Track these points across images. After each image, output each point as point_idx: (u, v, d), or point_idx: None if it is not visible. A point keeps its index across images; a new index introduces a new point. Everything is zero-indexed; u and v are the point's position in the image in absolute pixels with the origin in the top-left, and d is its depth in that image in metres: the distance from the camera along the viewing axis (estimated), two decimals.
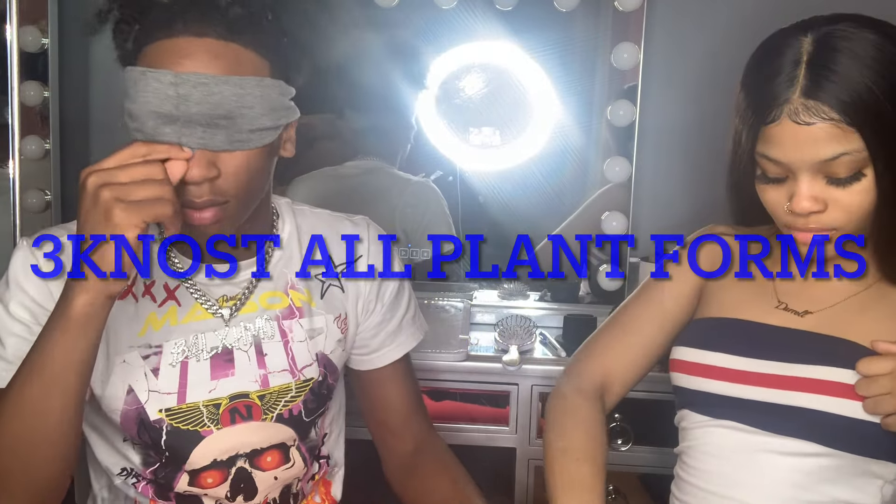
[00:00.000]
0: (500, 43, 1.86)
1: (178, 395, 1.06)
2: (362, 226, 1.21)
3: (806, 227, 0.97)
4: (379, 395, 1.25)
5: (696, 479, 1.07)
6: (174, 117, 0.91)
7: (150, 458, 1.07)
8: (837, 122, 0.91)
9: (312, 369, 1.13)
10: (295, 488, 1.17)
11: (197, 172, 0.92)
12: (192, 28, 0.92)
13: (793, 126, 0.93)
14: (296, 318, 1.13)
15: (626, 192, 1.84)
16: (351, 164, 1.98)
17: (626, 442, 1.60)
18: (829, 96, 0.91)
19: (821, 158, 0.92)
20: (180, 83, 0.91)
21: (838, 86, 0.91)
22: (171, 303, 1.07)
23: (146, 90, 0.91)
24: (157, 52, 0.92)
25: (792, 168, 0.95)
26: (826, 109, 0.91)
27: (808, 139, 0.92)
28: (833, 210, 0.95)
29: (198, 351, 1.07)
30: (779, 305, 1.07)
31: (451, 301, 1.87)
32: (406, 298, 1.24)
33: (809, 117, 0.92)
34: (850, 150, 0.91)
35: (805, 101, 0.92)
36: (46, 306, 0.98)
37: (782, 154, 0.95)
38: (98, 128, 1.95)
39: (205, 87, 0.91)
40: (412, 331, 1.25)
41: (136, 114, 0.91)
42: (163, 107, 0.91)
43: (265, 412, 1.10)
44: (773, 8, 1.78)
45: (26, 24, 1.78)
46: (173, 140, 0.91)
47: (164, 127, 0.91)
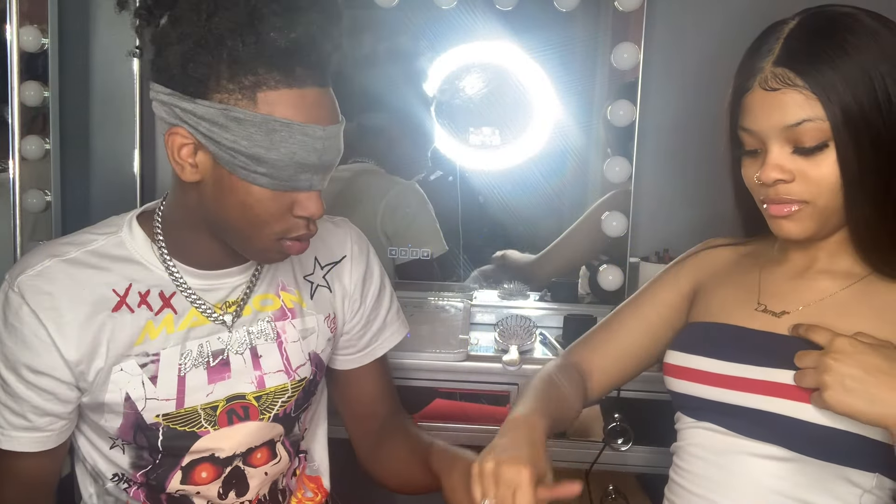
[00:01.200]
0: (500, 43, 1.86)
1: (177, 402, 1.07)
2: (343, 227, 1.25)
3: (777, 197, 0.99)
4: (356, 390, 1.28)
5: (683, 479, 1.09)
6: (314, 166, 0.97)
7: (143, 460, 1.08)
8: (801, 89, 0.95)
9: (306, 368, 1.15)
10: (281, 484, 1.19)
11: (322, 209, 1.01)
12: (315, 79, 0.96)
13: (762, 93, 0.98)
14: (288, 318, 1.14)
15: (626, 192, 1.84)
16: (344, 166, 1.98)
17: (626, 442, 1.60)
18: (795, 63, 0.96)
19: (786, 123, 0.96)
20: (328, 137, 0.97)
21: (805, 55, 0.96)
22: (167, 311, 1.07)
23: (291, 141, 0.95)
24: (287, 102, 0.95)
25: (762, 137, 0.99)
26: (792, 76, 0.96)
27: (774, 104, 0.97)
28: (801, 181, 0.98)
29: (202, 358, 1.08)
30: (758, 307, 1.09)
31: (451, 301, 1.88)
32: (388, 296, 1.28)
33: (776, 83, 0.97)
34: (813, 118, 0.95)
35: (774, 69, 0.97)
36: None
37: (754, 122, 0.99)
38: (98, 128, 1.95)
39: (338, 137, 0.99)
40: (396, 327, 1.28)
41: (274, 161, 0.95)
42: (309, 158, 0.96)
43: (262, 412, 1.11)
44: (774, 8, 1.78)
45: (26, 24, 1.78)
46: (305, 185, 0.98)
47: (301, 174, 0.97)
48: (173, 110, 0.96)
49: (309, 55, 0.94)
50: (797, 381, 0.96)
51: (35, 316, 1.01)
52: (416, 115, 1.93)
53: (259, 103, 0.93)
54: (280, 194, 0.97)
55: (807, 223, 1.00)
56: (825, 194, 0.97)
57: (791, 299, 1.06)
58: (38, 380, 1.03)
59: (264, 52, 0.92)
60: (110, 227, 1.10)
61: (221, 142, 0.94)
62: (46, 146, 1.84)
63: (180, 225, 1.06)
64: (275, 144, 0.94)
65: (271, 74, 0.93)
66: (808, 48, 0.97)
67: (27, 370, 1.02)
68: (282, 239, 1.01)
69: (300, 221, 1.01)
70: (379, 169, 1.98)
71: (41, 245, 1.09)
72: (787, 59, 0.97)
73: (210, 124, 0.94)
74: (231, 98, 0.93)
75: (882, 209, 0.98)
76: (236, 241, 1.03)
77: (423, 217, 1.95)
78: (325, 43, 0.95)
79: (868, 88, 0.95)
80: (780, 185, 0.99)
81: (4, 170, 1.80)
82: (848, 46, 0.95)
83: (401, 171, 1.98)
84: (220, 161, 0.96)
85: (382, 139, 1.99)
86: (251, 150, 0.94)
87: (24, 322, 1.01)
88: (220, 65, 0.93)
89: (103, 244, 1.07)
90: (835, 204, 0.98)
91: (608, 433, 1.58)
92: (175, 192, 1.06)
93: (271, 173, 0.95)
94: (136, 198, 1.88)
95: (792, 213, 0.99)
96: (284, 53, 0.93)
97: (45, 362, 1.02)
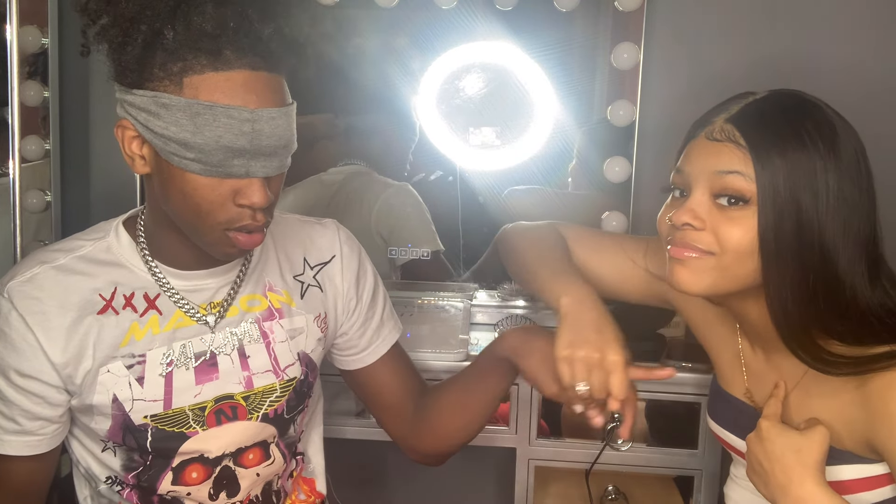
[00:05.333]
0: (500, 43, 1.86)
1: (164, 402, 1.07)
2: (332, 228, 1.25)
3: (682, 240, 0.98)
4: (376, 387, 1.29)
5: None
6: (245, 150, 0.95)
7: (134, 462, 1.09)
8: (742, 148, 0.95)
9: (295, 368, 1.16)
10: (276, 485, 1.19)
11: (265, 198, 0.97)
12: (245, 61, 0.94)
13: (705, 142, 0.99)
14: (275, 319, 1.15)
15: (626, 192, 1.84)
16: (335, 169, 1.98)
17: (626, 441, 1.60)
18: (745, 125, 0.96)
19: (717, 169, 0.96)
20: (256, 119, 0.94)
21: (758, 125, 0.96)
22: (152, 312, 1.08)
23: (215, 124, 0.93)
24: (212, 85, 0.93)
25: (690, 179, 0.99)
26: (737, 135, 0.96)
27: (712, 151, 0.97)
28: (711, 233, 0.96)
29: (185, 358, 1.08)
30: (746, 393, 1.12)
31: (451, 301, 1.87)
32: (381, 294, 1.29)
33: (720, 136, 0.97)
34: (745, 173, 0.94)
35: (724, 125, 0.97)
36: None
37: (687, 164, 1.00)
38: (98, 128, 1.95)
39: (273, 120, 0.96)
40: (393, 323, 1.30)
41: (201, 146, 0.93)
42: (237, 142, 0.94)
43: (250, 412, 1.11)
44: (773, 7, 1.78)
45: (26, 24, 1.78)
46: (241, 171, 0.96)
47: (233, 159, 0.95)
48: (121, 104, 0.98)
49: (240, 38, 0.93)
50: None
51: (23, 321, 1.02)
52: (414, 116, 1.93)
53: (185, 88, 0.93)
54: (217, 181, 0.96)
55: (703, 276, 0.97)
56: (730, 253, 0.95)
57: (768, 387, 1.08)
58: (27, 384, 1.03)
59: (192, 38, 0.92)
60: (98, 232, 1.11)
61: (154, 129, 0.94)
62: (46, 146, 1.84)
63: (155, 225, 1.07)
64: (199, 128, 0.93)
65: (198, 59, 0.93)
66: (763, 118, 0.96)
67: (16, 374, 1.03)
68: (228, 230, 0.99)
69: (244, 211, 0.98)
70: (371, 171, 1.98)
71: (33, 252, 1.11)
72: (738, 119, 0.97)
73: (146, 114, 0.95)
74: (161, 85, 0.94)
75: (798, 296, 0.95)
76: (189, 233, 1.03)
77: (417, 217, 1.95)
78: (261, 25, 0.94)
79: (810, 188, 0.93)
80: (688, 231, 0.97)
81: (5, 174, 1.80)
82: (805, 138, 0.94)
83: (396, 173, 1.97)
84: (156, 150, 0.96)
85: (378, 140, 1.99)
86: (179, 136, 0.93)
87: (12, 327, 1.03)
88: (153, 54, 0.93)
89: (91, 250, 1.09)
90: (741, 270, 0.96)
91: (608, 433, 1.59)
92: (146, 192, 1.08)
93: (201, 158, 0.94)
94: (136, 198, 1.88)
95: (691, 259, 0.97)
96: (211, 37, 0.92)
97: (34, 366, 1.03)
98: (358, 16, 1.92)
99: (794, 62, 1.72)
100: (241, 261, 1.14)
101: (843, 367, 0.96)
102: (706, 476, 1.61)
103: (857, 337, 0.96)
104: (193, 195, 0.96)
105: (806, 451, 0.97)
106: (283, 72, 0.99)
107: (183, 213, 0.99)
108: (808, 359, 0.97)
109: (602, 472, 1.64)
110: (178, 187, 0.97)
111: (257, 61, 0.95)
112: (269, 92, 0.96)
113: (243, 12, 0.93)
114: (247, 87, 0.94)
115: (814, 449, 0.97)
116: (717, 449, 1.59)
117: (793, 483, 0.96)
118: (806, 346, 0.97)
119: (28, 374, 1.03)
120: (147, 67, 0.94)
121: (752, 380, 1.10)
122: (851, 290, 0.95)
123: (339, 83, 1.92)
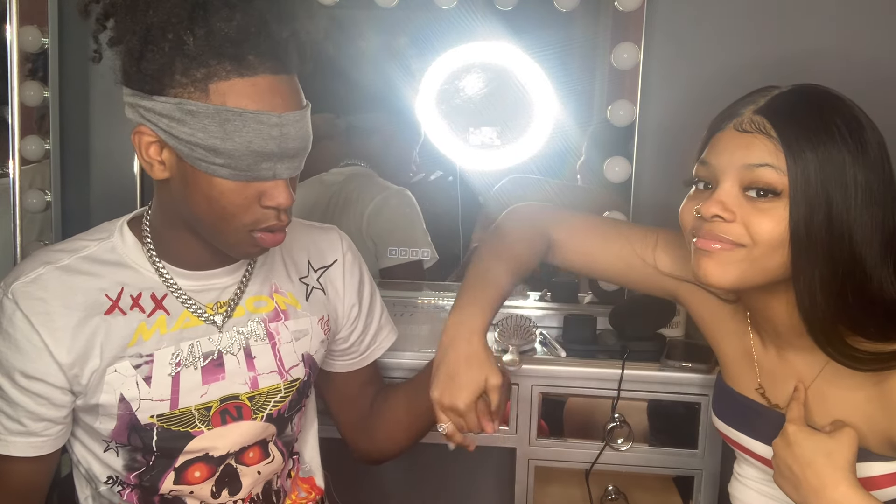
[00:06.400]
0: (500, 43, 1.86)
1: (171, 402, 1.07)
2: (333, 233, 1.27)
3: (710, 232, 0.97)
4: (353, 388, 1.31)
5: None
6: (273, 154, 0.96)
7: (136, 462, 1.09)
8: (773, 139, 0.94)
9: (299, 369, 1.16)
10: (276, 485, 1.19)
11: (290, 198, 1.00)
12: (268, 65, 0.95)
13: (733, 132, 0.98)
14: (281, 320, 1.15)
15: (627, 192, 1.84)
16: (336, 169, 1.98)
17: (626, 441, 1.60)
18: (775, 116, 0.95)
19: (747, 162, 0.95)
20: (283, 123, 0.96)
21: (788, 116, 0.95)
22: (159, 312, 1.08)
23: (245, 130, 0.94)
24: (239, 91, 0.94)
25: (717, 171, 0.98)
26: (768, 126, 0.95)
27: (742, 143, 0.96)
28: (740, 225, 0.95)
29: (193, 358, 1.08)
30: (759, 388, 1.11)
31: (451, 301, 1.87)
32: (378, 300, 1.32)
33: (750, 127, 0.96)
34: (777, 166, 0.93)
35: (752, 116, 0.96)
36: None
37: (715, 155, 0.99)
38: (98, 128, 1.95)
39: (297, 123, 0.98)
40: (388, 329, 1.33)
41: (231, 152, 0.94)
42: (266, 146, 0.95)
43: (255, 412, 1.12)
44: (773, 8, 1.78)
45: (26, 24, 1.78)
46: (269, 174, 0.97)
47: (261, 163, 0.96)
48: (137, 110, 0.98)
49: (260, 42, 0.94)
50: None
51: (28, 321, 1.02)
52: (414, 116, 1.93)
53: (211, 94, 0.94)
54: (244, 185, 0.97)
55: (731, 268, 0.96)
56: (762, 245, 0.95)
57: (783, 384, 1.07)
58: (32, 385, 1.03)
59: (214, 44, 0.92)
60: (102, 232, 1.11)
61: (180, 136, 0.94)
62: (46, 146, 1.84)
63: (164, 226, 1.07)
64: (229, 134, 0.93)
65: (222, 65, 0.93)
66: (794, 111, 0.96)
67: (21, 375, 1.03)
68: (253, 231, 1.01)
69: (269, 212, 1.00)
70: (371, 172, 1.98)
71: (36, 252, 1.11)
72: (767, 110, 0.96)
73: (168, 120, 0.94)
74: (185, 92, 0.94)
75: (828, 290, 0.95)
76: (210, 236, 1.03)
77: (410, 222, 1.95)
78: (278, 29, 0.95)
79: (840, 181, 0.93)
80: (718, 223, 0.96)
81: (5, 174, 1.80)
82: (835, 132, 0.94)
83: (396, 173, 1.98)
84: (181, 156, 0.96)
85: (378, 140, 1.99)
86: (207, 142, 0.94)
87: (17, 328, 1.02)
88: (173, 60, 0.93)
89: (95, 250, 1.08)
90: (770, 263, 0.96)
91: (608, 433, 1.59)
92: (156, 194, 1.07)
93: (230, 164, 0.95)
94: (136, 198, 1.88)
95: (719, 251, 0.96)
96: (234, 43, 0.92)
97: (39, 367, 1.03)
98: (358, 16, 1.92)
99: (794, 62, 1.72)
100: (247, 261, 1.14)
101: (868, 363, 0.96)
102: (706, 476, 1.61)
103: (882, 332, 0.96)
104: (220, 199, 0.97)
105: (837, 454, 0.97)
106: (297, 73, 1.00)
107: (206, 217, 1.00)
108: (834, 353, 0.97)
109: (602, 472, 1.64)
110: (203, 192, 0.97)
111: (278, 65, 0.96)
112: (291, 95, 0.98)
113: (262, 17, 0.93)
114: (273, 92, 0.95)
115: (844, 451, 0.97)
116: (717, 449, 1.59)
117: (827, 487, 0.96)
118: (833, 340, 0.97)
119: (33, 375, 1.03)
120: (168, 74, 0.94)
121: (764, 377, 1.10)
122: (879, 285, 0.95)
123: (340, 83, 1.92)
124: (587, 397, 1.62)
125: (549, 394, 1.63)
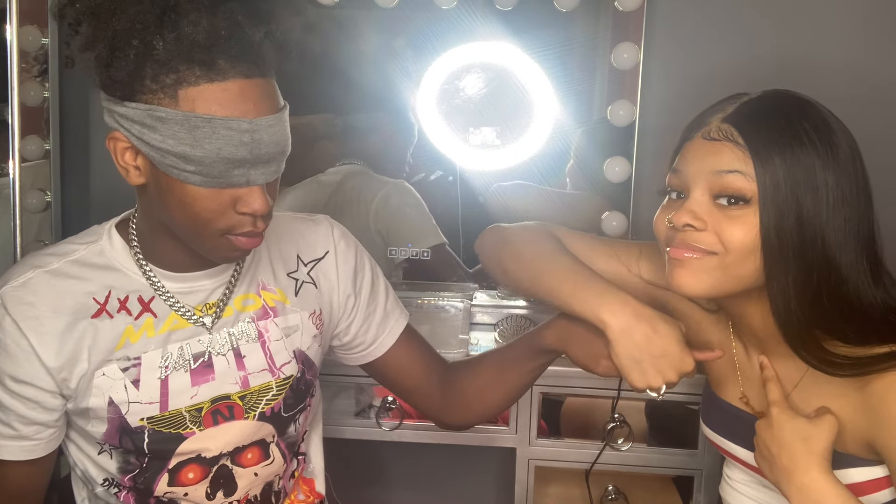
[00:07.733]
0: (500, 43, 1.86)
1: (160, 405, 1.07)
2: (325, 225, 1.24)
3: (682, 241, 0.97)
4: (395, 374, 1.28)
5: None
6: (246, 160, 0.94)
7: (130, 464, 1.08)
8: (740, 147, 0.94)
9: (291, 367, 1.15)
10: (276, 486, 1.19)
11: (265, 205, 0.97)
12: (239, 69, 0.93)
13: (702, 142, 0.98)
14: (270, 317, 1.15)
15: (626, 192, 1.84)
16: (333, 169, 1.98)
17: (626, 441, 1.60)
18: (742, 123, 0.95)
19: (717, 168, 0.95)
20: (255, 129, 0.94)
21: (757, 123, 0.95)
22: (147, 315, 1.08)
23: (214, 137, 0.92)
24: (208, 97, 0.92)
25: (688, 180, 0.98)
26: (735, 134, 0.95)
27: (710, 151, 0.97)
28: (712, 234, 0.95)
29: (183, 360, 1.08)
30: (742, 397, 1.11)
31: (451, 301, 1.88)
32: (383, 286, 1.27)
33: (718, 135, 0.96)
34: (745, 172, 0.94)
35: (720, 125, 0.97)
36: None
37: (684, 165, 0.99)
38: (98, 128, 1.95)
39: (271, 128, 0.95)
40: (398, 314, 1.28)
41: (201, 158, 0.93)
42: (237, 153, 0.93)
43: (247, 411, 1.11)
44: (773, 8, 1.78)
45: (26, 24, 1.78)
46: (242, 180, 0.95)
47: (233, 170, 0.94)
48: (112, 115, 0.97)
49: (232, 46, 0.92)
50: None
51: (16, 326, 1.02)
52: (412, 117, 1.93)
53: (181, 100, 0.92)
54: (217, 191, 0.95)
55: (704, 277, 0.96)
56: (734, 253, 0.94)
57: (765, 393, 1.06)
58: (22, 389, 1.03)
59: (183, 49, 0.91)
60: (91, 235, 1.11)
61: (151, 142, 0.93)
62: (46, 146, 1.84)
63: (148, 230, 1.07)
64: (199, 141, 0.92)
65: (192, 70, 0.91)
66: (761, 117, 0.96)
67: (11, 380, 1.03)
68: (227, 235, 0.99)
69: (245, 218, 0.98)
70: (368, 170, 1.98)
71: (25, 257, 1.11)
72: (735, 117, 0.97)
73: (140, 126, 0.94)
74: (155, 98, 0.92)
75: (802, 295, 0.95)
76: (188, 240, 1.02)
77: (416, 213, 1.95)
78: (252, 31, 0.93)
79: (810, 185, 0.92)
80: (689, 232, 0.96)
81: (5, 174, 1.80)
82: (804, 137, 0.94)
83: (392, 172, 1.98)
84: (153, 162, 0.95)
85: (376, 140, 1.99)
86: (178, 149, 0.93)
87: (6, 332, 1.03)
88: (143, 66, 0.92)
89: (84, 254, 1.08)
90: (743, 270, 0.95)
91: (608, 433, 1.59)
92: (138, 198, 1.07)
93: (201, 171, 0.94)
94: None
95: (692, 260, 0.96)
96: (203, 47, 0.91)
97: (27, 371, 1.03)
98: (358, 16, 1.92)
99: (794, 62, 1.72)
100: (235, 262, 1.14)
101: (846, 368, 0.95)
102: (706, 476, 1.61)
103: (861, 336, 0.96)
104: (193, 205, 0.96)
105: (814, 440, 0.97)
106: (274, 74, 0.98)
107: (182, 222, 0.99)
108: (811, 359, 0.97)
109: (602, 472, 1.64)
110: (176, 198, 0.96)
111: (251, 68, 0.94)
112: (264, 99, 0.95)
113: (233, 19, 0.91)
114: (243, 97, 0.93)
115: (821, 437, 0.97)
116: (716, 449, 1.59)
117: (798, 469, 0.96)
118: (809, 346, 0.97)
119: (23, 379, 1.03)
120: (138, 80, 0.92)
121: (747, 386, 1.10)
122: (855, 288, 0.95)
123: (339, 83, 1.92)
124: (587, 397, 1.63)
125: (549, 394, 1.63)
